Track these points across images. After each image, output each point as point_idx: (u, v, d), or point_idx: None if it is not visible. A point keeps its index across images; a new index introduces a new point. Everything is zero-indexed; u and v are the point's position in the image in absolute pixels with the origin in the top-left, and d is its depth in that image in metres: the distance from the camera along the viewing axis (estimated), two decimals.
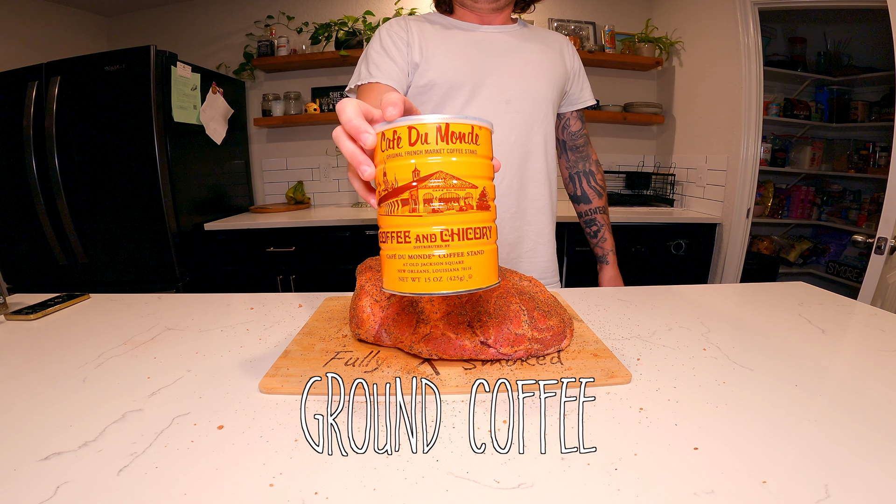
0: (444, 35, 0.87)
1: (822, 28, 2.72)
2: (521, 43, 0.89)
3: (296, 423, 0.43)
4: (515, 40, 0.89)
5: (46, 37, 2.31)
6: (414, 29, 0.86)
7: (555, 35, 0.97)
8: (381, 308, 0.56)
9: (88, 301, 0.81)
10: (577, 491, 0.34)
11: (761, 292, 0.84)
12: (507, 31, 0.90)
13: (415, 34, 0.85)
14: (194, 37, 2.57)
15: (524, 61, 0.88)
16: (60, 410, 0.45)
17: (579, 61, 0.99)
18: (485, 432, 0.41)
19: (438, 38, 0.86)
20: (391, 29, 0.86)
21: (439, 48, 0.85)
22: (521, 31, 0.92)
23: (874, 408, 0.45)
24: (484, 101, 0.85)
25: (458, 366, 0.52)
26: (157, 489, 0.34)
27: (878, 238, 1.30)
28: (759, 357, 0.56)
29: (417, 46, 0.85)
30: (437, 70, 0.84)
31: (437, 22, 0.89)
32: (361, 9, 2.46)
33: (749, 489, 0.34)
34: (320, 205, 2.67)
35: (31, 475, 0.36)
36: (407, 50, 0.85)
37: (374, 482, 0.35)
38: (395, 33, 0.86)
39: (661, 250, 2.15)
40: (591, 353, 0.55)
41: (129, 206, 1.87)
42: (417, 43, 0.85)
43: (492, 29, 0.89)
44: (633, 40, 2.46)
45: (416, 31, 0.86)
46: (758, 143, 2.00)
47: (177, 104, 1.88)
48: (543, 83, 0.89)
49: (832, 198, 2.90)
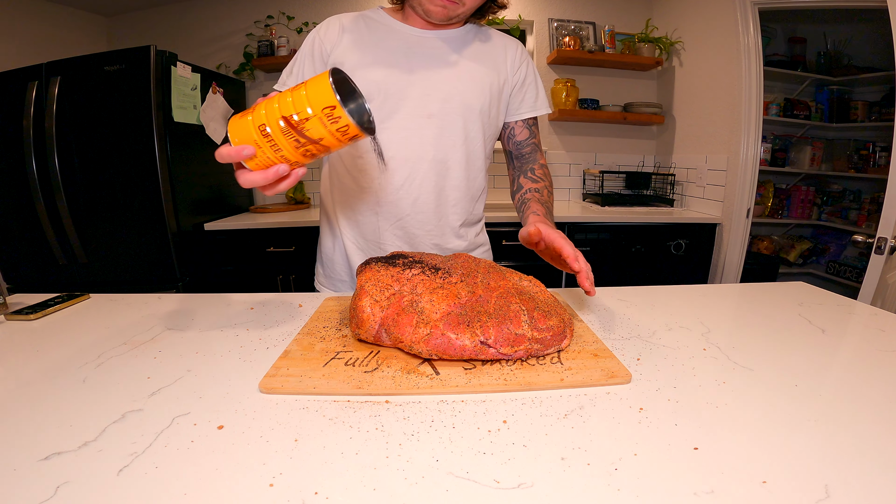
0: (377, 42, 0.83)
1: (822, 28, 2.72)
2: (456, 52, 0.85)
3: (296, 423, 0.43)
4: (450, 49, 0.85)
5: (46, 37, 2.31)
6: (346, 34, 0.83)
7: (503, 40, 0.91)
8: (381, 308, 0.56)
9: (88, 301, 0.81)
10: (577, 491, 0.34)
11: (761, 292, 0.84)
12: (447, 37, 0.86)
13: (344, 40, 0.83)
14: (194, 37, 2.57)
15: (454, 73, 0.84)
16: (60, 410, 0.45)
17: (529, 68, 0.93)
18: (484, 432, 0.41)
19: (371, 45, 0.83)
20: (320, 32, 0.84)
21: (367, 57, 0.82)
22: (464, 37, 0.87)
23: (874, 408, 0.45)
24: (407, 114, 0.82)
25: (458, 366, 0.52)
26: (157, 489, 0.34)
27: (878, 238, 1.30)
28: (759, 357, 0.56)
29: (341, 54, 0.82)
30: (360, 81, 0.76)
31: (376, 24, 0.86)
32: (361, 9, 2.45)
33: (749, 489, 0.34)
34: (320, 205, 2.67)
35: (31, 475, 0.36)
36: (330, 58, 0.83)
37: (374, 482, 0.35)
38: (322, 39, 0.84)
39: (661, 250, 2.15)
40: (591, 353, 0.55)
41: (128, 207, 1.87)
42: (342, 51, 0.82)
43: (430, 34, 0.85)
44: (633, 40, 2.46)
45: (347, 37, 0.83)
46: (758, 143, 2.00)
47: (177, 104, 1.88)
48: (472, 95, 0.85)
49: (832, 198, 2.90)
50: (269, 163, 0.50)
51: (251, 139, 0.48)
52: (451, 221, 0.91)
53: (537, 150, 0.97)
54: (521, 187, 0.91)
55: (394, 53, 0.83)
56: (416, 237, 0.89)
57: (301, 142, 0.48)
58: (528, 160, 0.95)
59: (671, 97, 2.50)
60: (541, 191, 0.88)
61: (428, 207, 0.88)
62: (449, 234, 0.92)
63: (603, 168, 2.62)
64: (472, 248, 0.97)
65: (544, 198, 0.86)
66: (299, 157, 0.49)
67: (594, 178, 2.63)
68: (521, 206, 0.88)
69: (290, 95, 0.47)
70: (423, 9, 0.79)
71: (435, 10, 0.78)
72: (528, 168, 0.93)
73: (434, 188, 0.87)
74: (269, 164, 0.50)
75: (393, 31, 0.85)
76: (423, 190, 0.86)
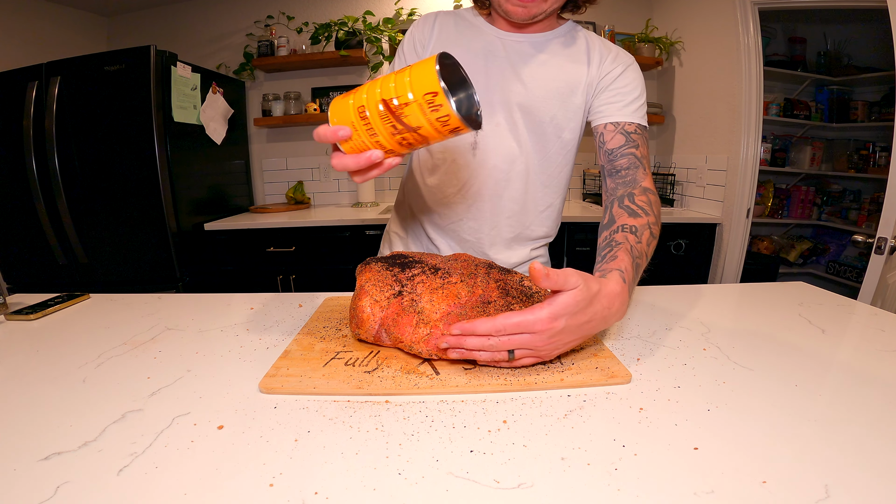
0: (462, 43, 0.81)
1: (822, 28, 2.72)
2: (536, 55, 0.79)
3: (296, 423, 0.43)
4: (531, 53, 0.80)
5: (46, 37, 2.31)
6: (436, 31, 0.83)
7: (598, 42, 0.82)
8: (381, 308, 0.56)
9: (88, 301, 0.81)
10: (577, 491, 0.34)
11: (761, 292, 0.84)
12: (534, 40, 0.80)
13: (434, 37, 0.82)
14: (194, 37, 2.57)
15: (527, 79, 0.79)
16: (60, 410, 0.45)
17: (627, 71, 0.80)
18: (485, 432, 0.41)
19: (454, 46, 0.80)
20: (415, 30, 0.84)
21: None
22: (551, 39, 0.81)
23: (874, 408, 0.45)
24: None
25: (458, 366, 0.52)
26: (157, 489, 0.34)
27: (878, 238, 1.30)
28: (759, 357, 0.56)
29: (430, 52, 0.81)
30: None
31: (466, 24, 0.83)
32: (361, 9, 2.46)
33: (749, 489, 0.34)
34: (320, 205, 2.67)
35: (31, 475, 0.36)
36: (423, 53, 0.82)
37: (374, 482, 0.35)
38: (417, 35, 0.83)
39: (661, 250, 2.14)
40: (591, 352, 0.55)
41: (129, 207, 1.87)
42: (433, 49, 0.81)
43: (517, 37, 0.80)
44: (633, 40, 2.46)
45: (436, 35, 0.82)
46: (758, 143, 2.00)
47: (177, 104, 1.88)
48: (542, 104, 0.79)
49: (832, 198, 2.90)
50: (363, 147, 0.48)
51: (349, 121, 0.47)
52: (503, 233, 0.87)
53: (639, 165, 0.77)
54: (612, 220, 0.68)
55: (475, 56, 0.80)
56: (467, 242, 0.89)
57: (398, 128, 0.45)
58: (624, 179, 0.76)
59: (671, 97, 2.50)
60: (639, 232, 0.64)
61: (482, 215, 0.86)
62: (500, 246, 0.89)
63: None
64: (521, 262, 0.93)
65: (641, 246, 0.63)
66: (395, 144, 0.47)
67: (594, 178, 2.63)
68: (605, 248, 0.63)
69: (394, 79, 0.45)
70: (502, 10, 0.75)
71: (513, 9, 0.72)
72: (625, 193, 0.72)
73: (490, 198, 0.85)
74: (363, 148, 0.48)
75: (480, 32, 0.81)
76: (479, 197, 0.85)
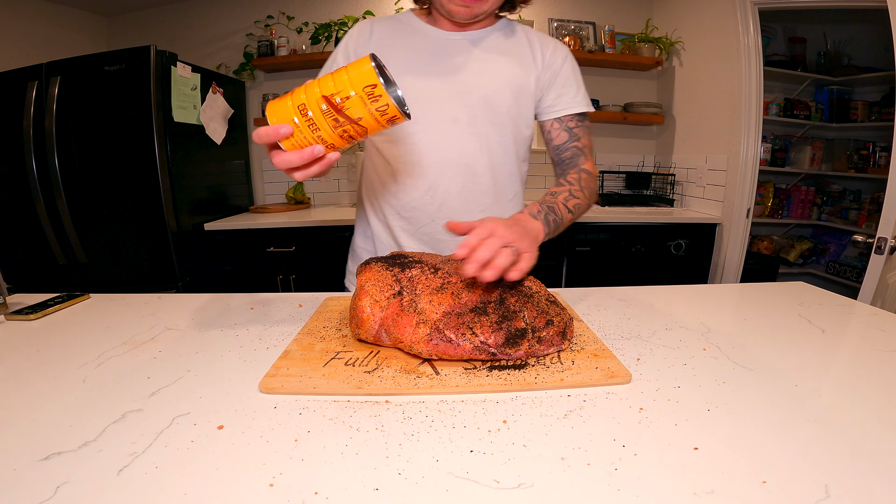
0: (404, 46, 0.82)
1: (822, 28, 2.72)
2: (482, 52, 0.83)
3: (296, 423, 0.43)
4: (477, 50, 0.83)
5: (46, 37, 2.31)
6: (374, 38, 0.83)
7: (537, 36, 0.86)
8: (381, 308, 0.56)
9: (88, 301, 0.81)
10: (577, 491, 0.34)
11: (761, 292, 0.84)
12: (475, 37, 0.83)
13: (371, 45, 0.83)
14: (194, 37, 2.57)
15: (478, 75, 0.81)
16: (60, 410, 0.45)
17: (566, 63, 0.86)
18: (485, 432, 0.41)
19: (397, 49, 0.82)
20: (350, 38, 0.84)
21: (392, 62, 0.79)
22: (492, 35, 0.84)
23: (874, 408, 0.45)
24: (432, 119, 0.81)
25: (458, 366, 0.52)
26: (157, 489, 0.34)
27: (878, 238, 1.30)
28: (759, 357, 0.56)
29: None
30: None
31: (404, 27, 0.85)
32: (361, 9, 2.46)
33: (749, 489, 0.34)
34: (320, 205, 2.67)
35: (31, 475, 0.36)
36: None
37: (374, 482, 0.35)
38: (352, 44, 0.84)
39: (661, 250, 2.15)
40: (591, 353, 0.55)
41: (129, 207, 1.87)
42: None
43: (457, 36, 0.83)
44: (633, 40, 2.46)
45: (374, 41, 0.83)
46: (758, 143, 2.00)
47: (177, 104, 1.88)
48: (497, 96, 0.82)
49: (832, 198, 2.90)
50: (304, 143, 0.51)
51: (289, 119, 0.49)
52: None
53: (580, 154, 0.85)
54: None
55: (420, 57, 0.82)
56: (441, 242, 0.88)
57: (340, 121, 0.49)
58: (568, 166, 0.85)
59: (671, 97, 2.50)
60: (557, 193, 0.75)
61: (453, 213, 0.86)
62: None
63: (603, 168, 2.62)
64: None
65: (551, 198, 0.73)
66: (336, 138, 0.51)
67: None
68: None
69: (332, 77, 0.49)
70: (445, 10, 0.77)
71: (457, 9, 0.76)
72: (563, 173, 0.84)
73: (461, 193, 0.85)
74: (304, 144, 0.51)
75: (420, 34, 0.84)
76: (448, 195, 0.85)
